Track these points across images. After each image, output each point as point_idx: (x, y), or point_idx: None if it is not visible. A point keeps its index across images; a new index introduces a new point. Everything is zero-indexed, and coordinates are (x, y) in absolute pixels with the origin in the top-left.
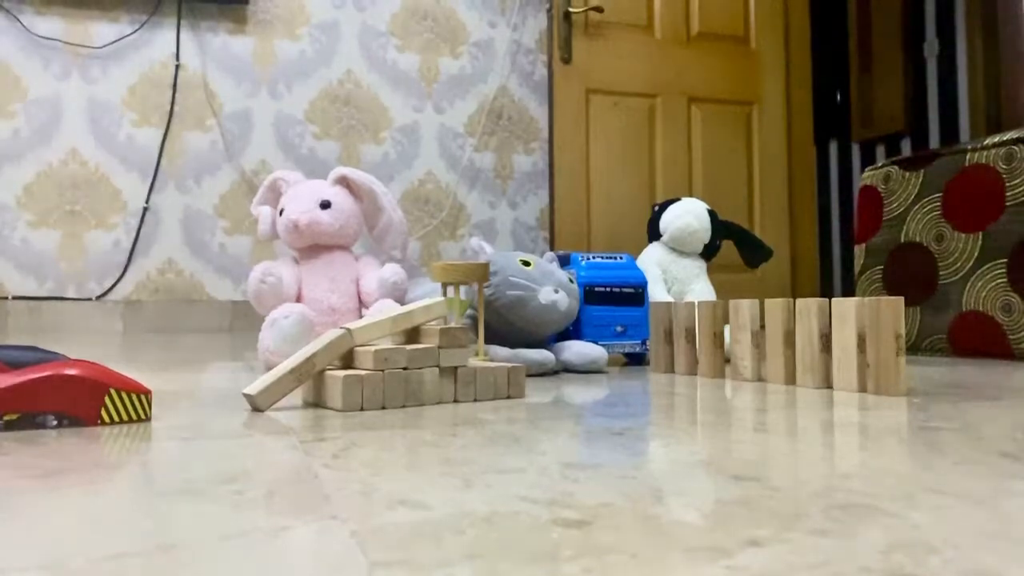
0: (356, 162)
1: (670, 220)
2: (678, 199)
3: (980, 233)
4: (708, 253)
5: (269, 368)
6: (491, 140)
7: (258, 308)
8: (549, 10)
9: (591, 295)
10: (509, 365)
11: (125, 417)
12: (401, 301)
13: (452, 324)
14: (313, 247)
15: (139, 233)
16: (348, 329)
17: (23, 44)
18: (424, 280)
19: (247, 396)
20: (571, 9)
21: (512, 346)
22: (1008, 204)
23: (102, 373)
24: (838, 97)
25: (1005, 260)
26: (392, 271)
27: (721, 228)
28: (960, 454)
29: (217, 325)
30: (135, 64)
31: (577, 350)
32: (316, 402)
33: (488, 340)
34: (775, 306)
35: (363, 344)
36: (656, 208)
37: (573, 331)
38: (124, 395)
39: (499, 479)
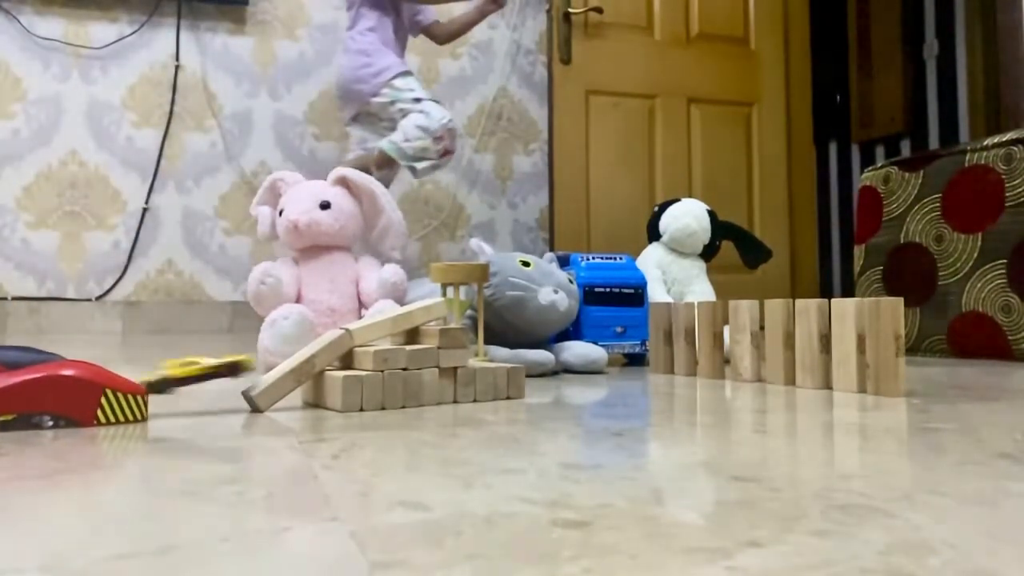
0: None
1: (670, 221)
2: (678, 200)
3: (980, 234)
4: (707, 254)
5: (268, 369)
6: (491, 141)
7: (258, 309)
8: (549, 11)
9: (591, 296)
10: (509, 366)
11: (121, 418)
12: (401, 302)
13: (452, 325)
14: (313, 248)
15: (139, 234)
16: (348, 330)
17: (23, 45)
18: (424, 281)
19: (246, 397)
20: (571, 10)
21: (512, 347)
22: (1007, 205)
23: (98, 374)
24: (838, 98)
25: (1005, 261)
26: (392, 271)
27: (720, 229)
28: (960, 455)
29: (217, 326)
30: (135, 65)
31: (577, 351)
32: (316, 403)
33: (488, 340)
34: (775, 307)
35: (363, 345)
36: (656, 209)
37: (573, 332)
38: (120, 396)
39: (499, 480)
